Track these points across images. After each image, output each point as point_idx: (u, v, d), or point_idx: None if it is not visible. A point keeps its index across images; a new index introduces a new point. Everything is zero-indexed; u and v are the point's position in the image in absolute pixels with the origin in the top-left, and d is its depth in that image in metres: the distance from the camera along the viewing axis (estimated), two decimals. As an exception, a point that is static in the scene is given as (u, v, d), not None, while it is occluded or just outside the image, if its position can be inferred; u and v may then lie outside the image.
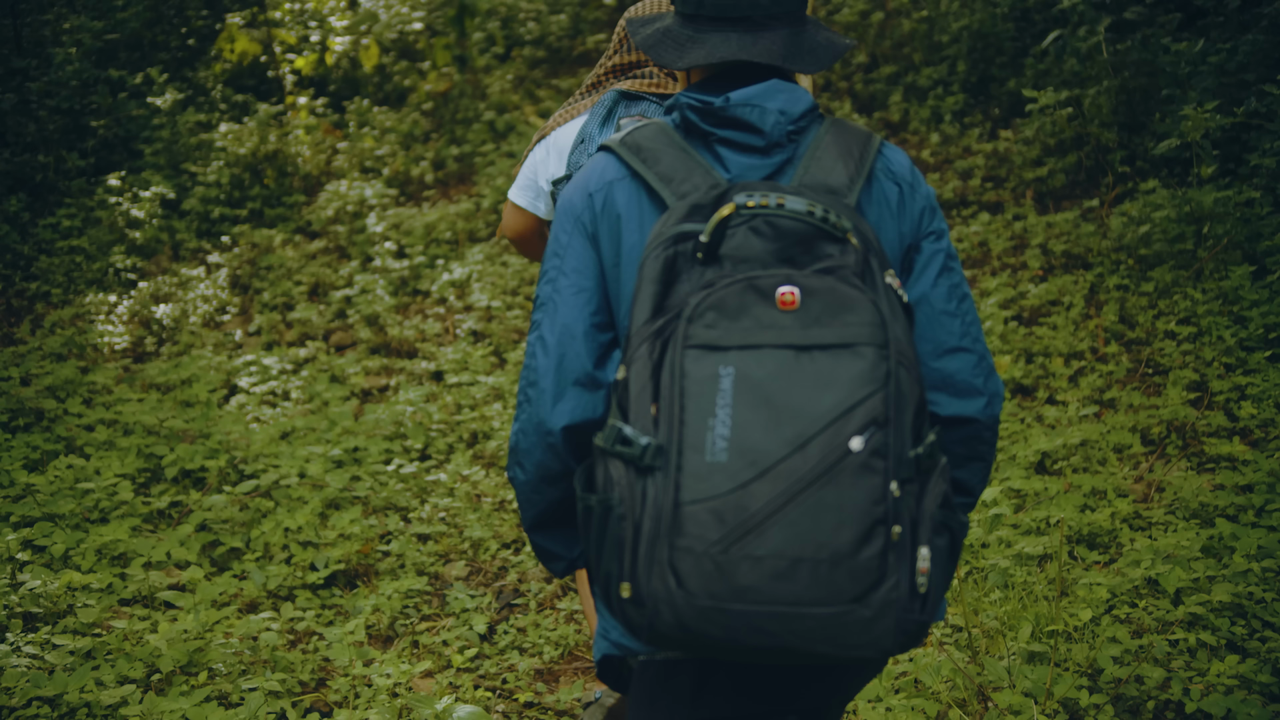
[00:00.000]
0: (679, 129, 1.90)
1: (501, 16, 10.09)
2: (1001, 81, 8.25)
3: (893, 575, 1.63)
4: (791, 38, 1.89)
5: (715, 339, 1.66)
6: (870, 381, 1.65)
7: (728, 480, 1.62)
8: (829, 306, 1.67)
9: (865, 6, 9.49)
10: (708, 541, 1.61)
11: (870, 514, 1.62)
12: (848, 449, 1.62)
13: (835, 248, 1.74)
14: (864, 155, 1.87)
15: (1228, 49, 6.56)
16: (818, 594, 1.61)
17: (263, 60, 8.95)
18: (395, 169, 8.01)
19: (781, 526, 1.61)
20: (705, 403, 1.64)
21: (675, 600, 1.62)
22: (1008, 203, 7.01)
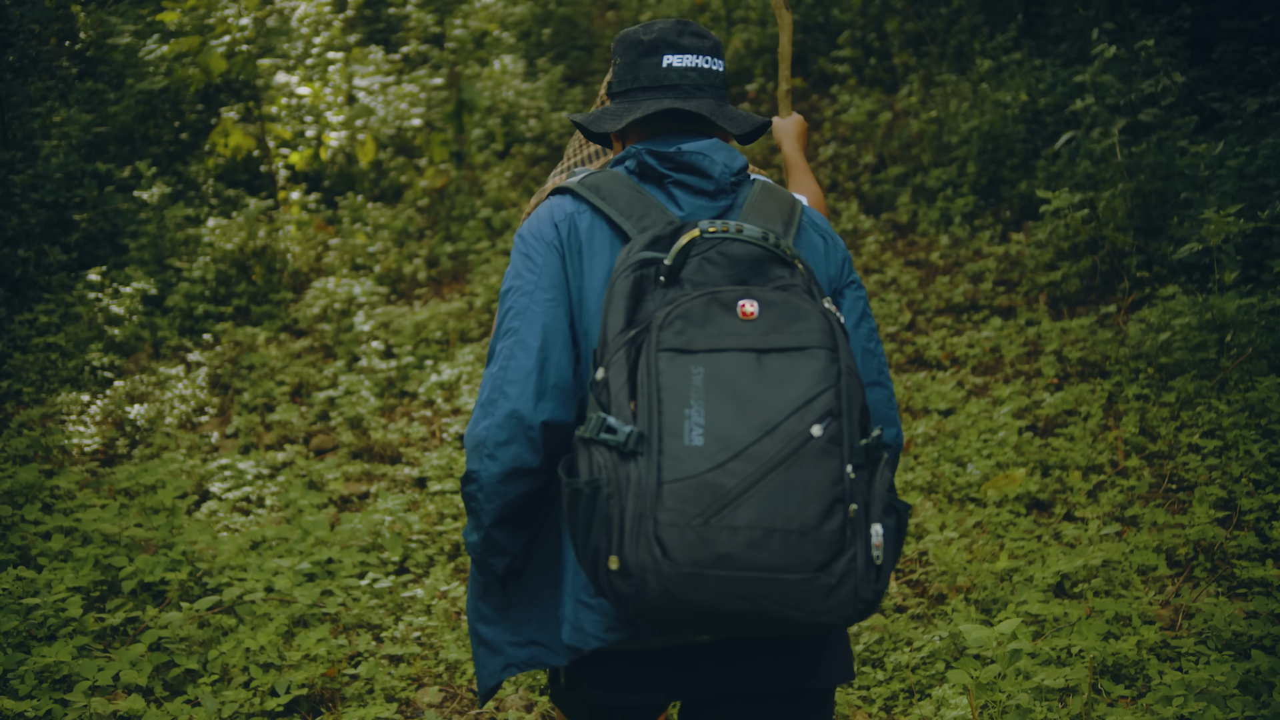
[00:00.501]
0: (632, 174, 2.18)
1: (502, 113, 10.05)
2: (1012, 183, 8.14)
3: (851, 548, 1.86)
4: (717, 105, 2.24)
5: (685, 343, 1.90)
6: (825, 379, 1.90)
7: (705, 461, 1.84)
8: (784, 316, 1.93)
9: (873, 107, 9.44)
10: (689, 515, 1.82)
11: (831, 492, 1.86)
12: (809, 434, 1.87)
13: (785, 270, 2.02)
14: (793, 210, 2.19)
15: (1247, 152, 6.45)
16: (789, 561, 1.83)
17: (256, 155, 8.88)
18: (387, 266, 7.87)
19: (755, 501, 1.83)
20: (680, 396, 1.87)
21: (661, 569, 1.82)
22: (1020, 307, 6.84)
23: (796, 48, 11.12)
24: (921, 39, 10.07)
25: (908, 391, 6.05)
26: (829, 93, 10.28)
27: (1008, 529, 4.74)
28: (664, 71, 2.22)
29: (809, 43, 11.17)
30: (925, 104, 9.19)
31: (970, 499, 5.05)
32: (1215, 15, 8.60)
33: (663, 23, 2.27)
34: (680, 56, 2.22)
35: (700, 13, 12.34)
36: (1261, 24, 8.22)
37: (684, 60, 2.22)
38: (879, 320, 6.98)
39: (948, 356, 6.46)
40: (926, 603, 4.42)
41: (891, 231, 8.25)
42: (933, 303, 7.06)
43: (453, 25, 10.53)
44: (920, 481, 5.15)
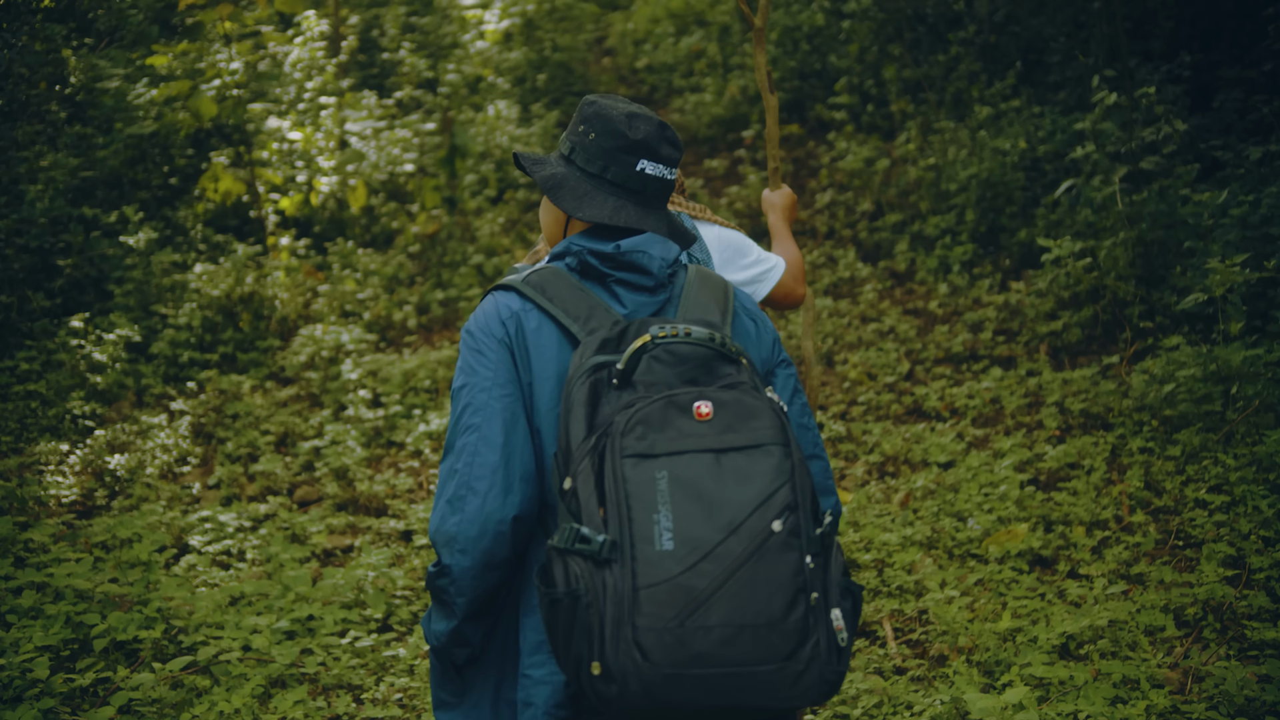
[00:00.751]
0: (574, 272, 2.21)
1: (496, 159, 10.00)
2: (1012, 232, 8.08)
3: (814, 634, 1.95)
4: (666, 218, 2.32)
5: (647, 448, 1.96)
6: (781, 474, 1.98)
7: (676, 564, 1.91)
8: (738, 415, 2.00)
9: (870, 154, 9.40)
10: (666, 618, 1.90)
11: (793, 584, 1.94)
12: (771, 530, 1.94)
13: (732, 367, 2.08)
14: (727, 296, 2.27)
15: (1250, 201, 6.39)
16: (759, 654, 1.92)
17: (246, 200, 8.82)
18: (377, 313, 7.79)
19: (725, 600, 1.91)
20: (648, 502, 1.93)
21: (642, 671, 1.89)
22: (1021, 358, 6.75)
23: (794, 95, 11.10)
24: (919, 86, 10.05)
25: (906, 443, 5.95)
26: (826, 139, 10.24)
27: (1010, 587, 4.62)
28: (636, 175, 2.25)
29: (805, 89, 11.16)
30: (923, 151, 9.15)
31: (971, 555, 4.93)
32: (1215, 64, 8.58)
33: (646, 123, 2.27)
34: (655, 165, 2.27)
35: (697, 58, 12.35)
36: (1262, 73, 8.20)
37: (656, 170, 2.27)
38: (878, 370, 6.88)
39: (947, 407, 6.37)
40: (927, 664, 4.30)
41: (889, 279, 8.18)
42: (931, 352, 6.98)
43: (445, 70, 10.50)
44: (920, 537, 5.04)
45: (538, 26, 12.28)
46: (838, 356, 7.17)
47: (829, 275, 8.31)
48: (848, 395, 6.72)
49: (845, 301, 7.88)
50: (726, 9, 12.61)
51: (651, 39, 13.42)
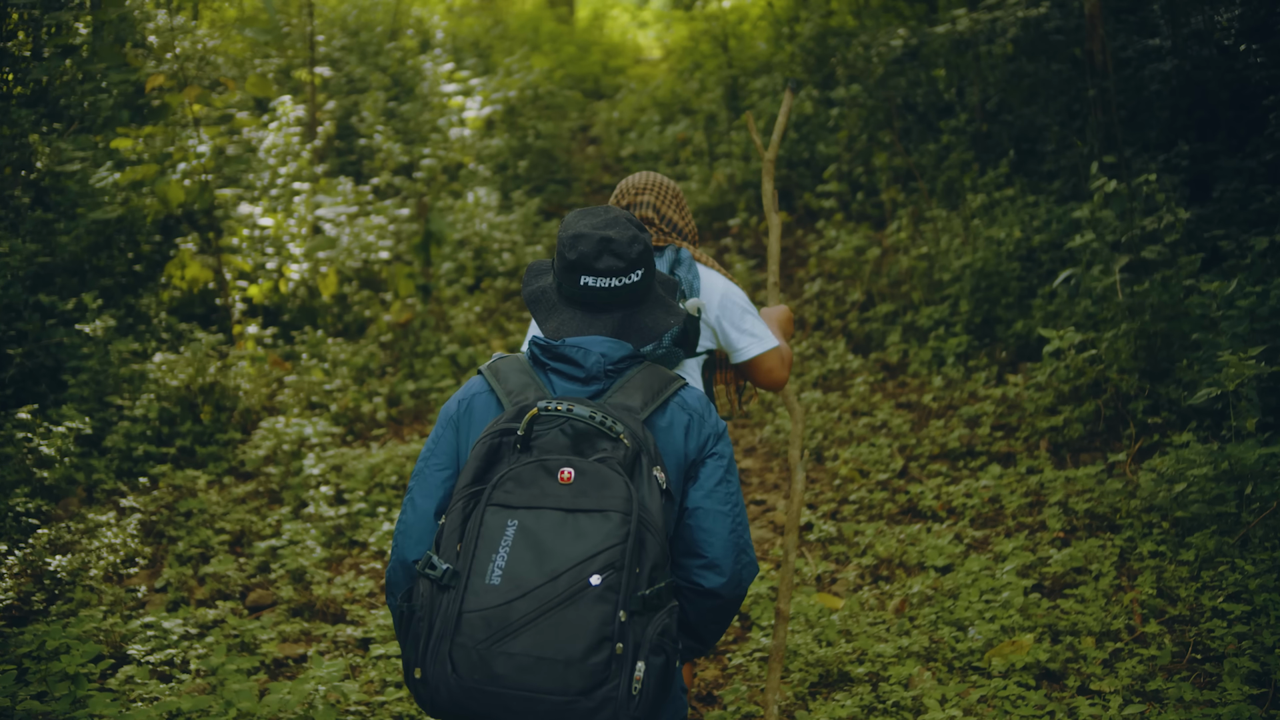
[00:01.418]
0: (530, 360, 2.68)
1: (474, 246, 9.80)
2: (1007, 323, 7.87)
3: (614, 679, 2.27)
4: (625, 319, 2.68)
5: (509, 500, 2.37)
6: (613, 537, 2.31)
7: (498, 597, 2.30)
8: (594, 483, 2.36)
9: (860, 242, 9.22)
10: (476, 639, 2.29)
11: (600, 632, 2.27)
12: (588, 583, 2.28)
13: (609, 444, 2.43)
14: (661, 390, 2.63)
15: (1258, 292, 6.18)
16: (552, 685, 2.26)
17: (213, 287, 8.58)
18: (344, 405, 7.51)
19: (531, 633, 2.27)
20: (492, 544, 2.33)
21: (449, 681, 2.30)
22: (1020, 454, 6.49)
23: (782, 184, 10.97)
24: (910, 175, 9.92)
25: (901, 545, 5.66)
26: (815, 228, 10.08)
27: (1017, 704, 4.31)
28: (580, 289, 2.65)
29: (794, 178, 11.02)
30: (915, 240, 8.97)
31: (973, 668, 4.62)
32: (1213, 154, 8.46)
33: (587, 241, 2.63)
34: (595, 279, 2.63)
35: (683, 147, 12.24)
36: (1262, 163, 8.08)
37: (599, 282, 2.63)
38: (870, 467, 6.61)
39: (944, 507, 6.08)
40: (927, 791, 3.97)
41: (881, 372, 7.95)
42: (926, 448, 6.71)
43: (420, 153, 10.33)
44: (917, 647, 4.72)
45: (520, 113, 12.18)
46: (828, 452, 6.90)
47: (818, 367, 8.08)
48: (838, 493, 6.44)
49: (835, 394, 7.63)
50: (713, 98, 12.55)
51: (637, 127, 13.35)
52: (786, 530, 4.01)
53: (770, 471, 6.92)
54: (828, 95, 11.25)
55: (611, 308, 2.67)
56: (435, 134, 10.91)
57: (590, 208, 2.78)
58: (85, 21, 8.88)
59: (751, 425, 7.55)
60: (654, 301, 2.75)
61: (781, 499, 6.55)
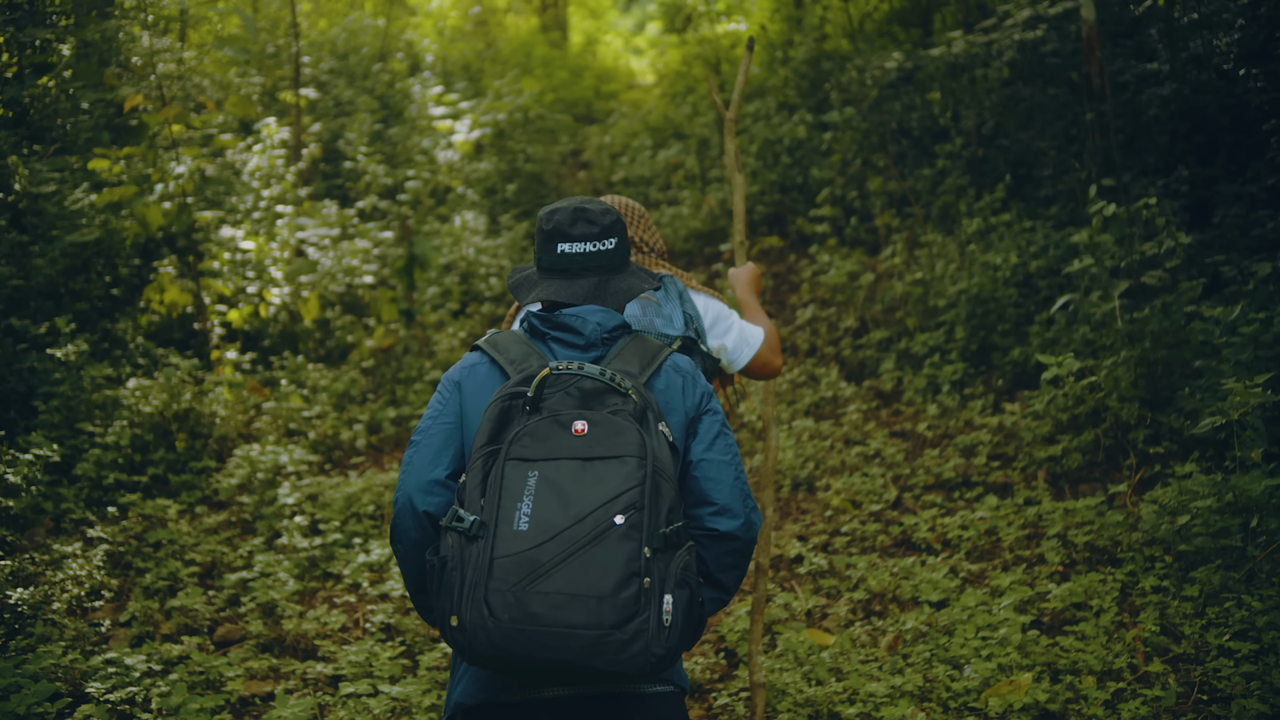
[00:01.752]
0: (526, 332, 2.81)
1: (460, 271, 9.65)
2: (1004, 350, 7.72)
3: (644, 612, 2.40)
4: (600, 283, 2.83)
5: (527, 454, 2.48)
6: (632, 480, 2.45)
7: (527, 542, 2.41)
8: (607, 433, 2.50)
9: (854, 268, 9.08)
10: (510, 583, 2.39)
11: (628, 568, 2.40)
12: (612, 523, 2.41)
13: (619, 399, 2.58)
14: (655, 357, 2.77)
15: (1261, 319, 6.03)
16: (587, 620, 2.37)
17: (191, 312, 8.41)
18: (323, 432, 7.34)
19: (563, 573, 2.38)
20: (516, 494, 2.45)
21: (487, 625, 2.39)
22: (1018, 485, 6.32)
23: (774, 208, 10.85)
24: (905, 200, 9.79)
25: (894, 579, 5.48)
26: (807, 253, 9.94)
27: (1014, 748, 4.12)
28: (558, 257, 2.82)
29: (787, 203, 10.90)
30: (909, 265, 8.83)
31: (970, 709, 4.44)
32: (1213, 179, 8.34)
33: (562, 213, 2.82)
34: (571, 244, 2.80)
35: (674, 171, 12.12)
36: (1263, 188, 7.95)
37: (574, 247, 2.80)
38: (863, 498, 6.44)
39: (939, 539, 5.91)
40: (920, 840, 3.78)
41: (875, 400, 7.79)
42: (921, 478, 6.55)
43: (404, 175, 10.19)
44: (911, 687, 4.54)
45: (509, 136, 12.05)
46: (819, 482, 6.73)
47: (810, 395, 7.92)
48: (830, 525, 6.26)
49: (828, 423, 7.47)
50: (705, 122, 12.45)
51: (628, 152, 13.23)
52: (763, 485, 4.23)
53: (760, 502, 6.74)
54: (821, 119, 11.13)
55: (587, 272, 2.82)
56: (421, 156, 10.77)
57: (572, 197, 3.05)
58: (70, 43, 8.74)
59: (743, 453, 7.38)
60: (629, 270, 2.91)
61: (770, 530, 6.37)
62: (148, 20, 9.58)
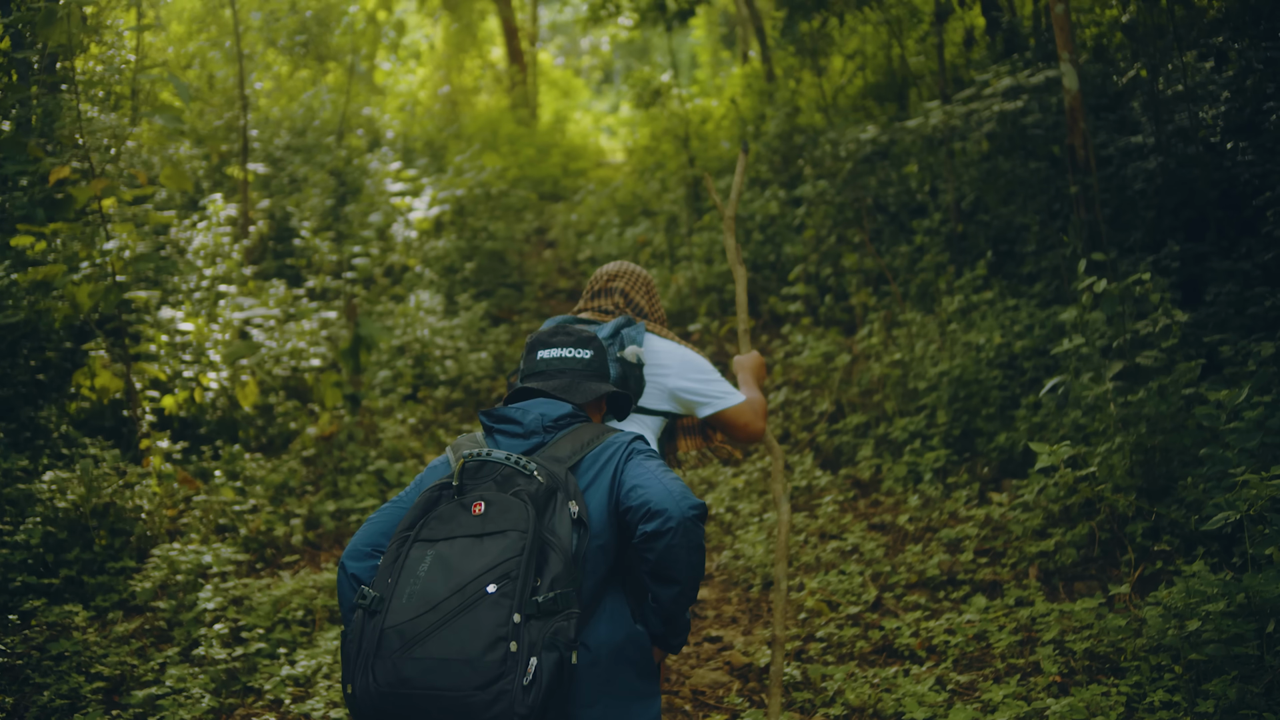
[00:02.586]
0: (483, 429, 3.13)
1: (414, 354, 9.20)
2: (989, 436, 7.30)
3: (509, 674, 2.61)
4: (570, 383, 3.19)
5: (431, 535, 2.79)
6: (510, 551, 2.72)
7: (410, 613, 2.68)
8: (500, 510, 2.79)
9: (829, 348, 8.67)
10: (392, 650, 2.66)
11: (495, 632, 2.63)
12: (484, 591, 2.67)
13: (525, 480, 2.86)
14: (591, 441, 3.03)
15: (1266, 403, 5.63)
16: (454, 682, 2.61)
17: (120, 398, 7.92)
18: (256, 527, 6.83)
19: (436, 639, 2.64)
20: (412, 572, 2.73)
21: (370, 690, 2.66)
22: (1008, 583, 5.86)
23: (749, 286, 10.46)
24: (882, 277, 9.43)
25: (875, 692, 4.99)
26: (780, 333, 9.54)
27: None
28: (536, 362, 3.20)
29: (759, 281, 10.53)
30: (887, 346, 8.43)
31: None
32: (1204, 255, 8.00)
33: (547, 328, 3.29)
34: (548, 350, 3.19)
35: (642, 249, 11.75)
36: (1258, 265, 7.61)
37: (549, 353, 3.19)
38: (840, 598, 5.97)
39: (923, 645, 5.43)
40: None
41: (852, 489, 7.34)
42: (902, 576, 6.08)
43: (350, 251, 9.76)
44: (894, 822, 4.04)
45: (470, 213, 11.68)
46: (792, 581, 6.25)
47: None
48: (804, 629, 5.77)
49: (802, 515, 7.01)
50: (674, 198, 12.12)
51: (595, 230, 12.89)
52: (776, 560, 4.23)
53: (728, 603, 6.26)
54: (794, 195, 10.81)
55: (561, 375, 3.17)
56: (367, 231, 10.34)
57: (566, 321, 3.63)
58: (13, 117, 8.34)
59: (710, 548, 6.90)
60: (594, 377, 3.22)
61: (740, 635, 5.89)
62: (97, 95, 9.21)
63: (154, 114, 6.92)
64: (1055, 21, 8.26)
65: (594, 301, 4.05)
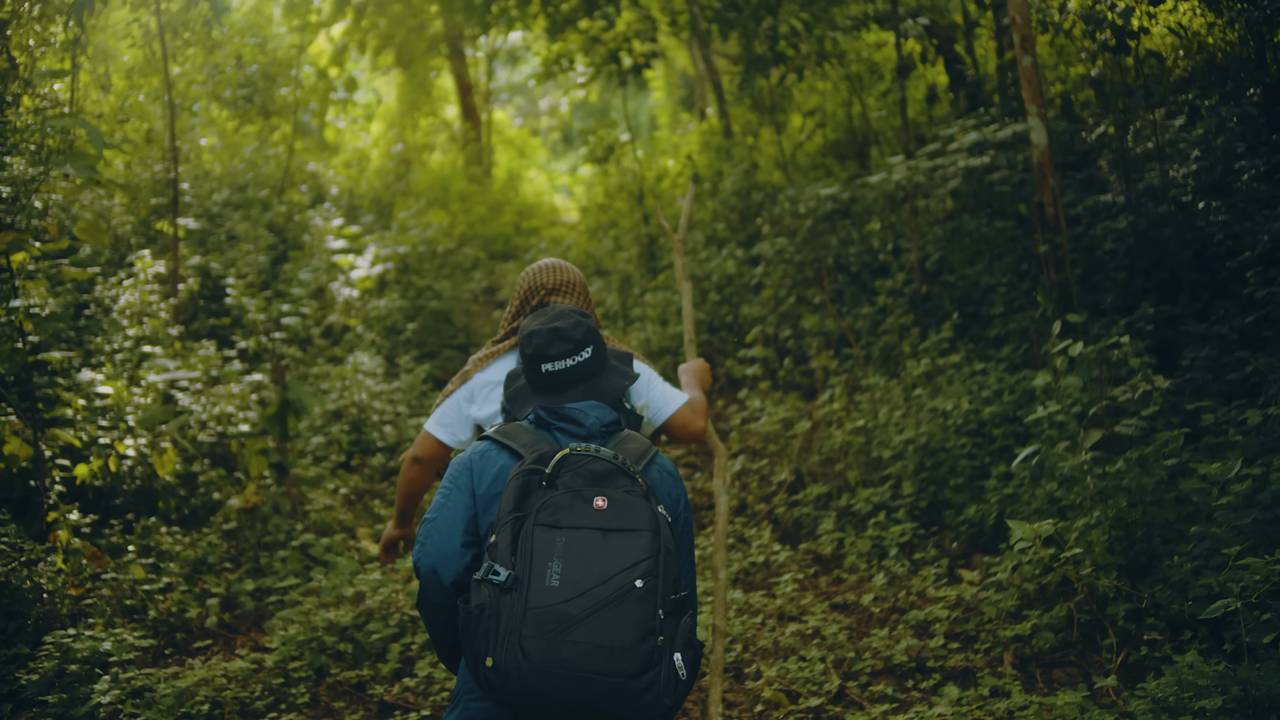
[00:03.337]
0: (532, 424, 3.25)
1: (351, 419, 8.73)
2: (958, 508, 6.91)
3: (657, 666, 2.82)
4: (587, 390, 3.33)
5: (554, 521, 2.91)
6: (648, 550, 2.89)
7: (558, 596, 2.82)
8: (624, 508, 2.94)
9: (788, 414, 8.27)
10: (544, 631, 2.78)
11: (645, 625, 2.83)
12: (633, 585, 2.84)
13: (628, 480, 3.02)
14: (646, 451, 3.21)
15: (1256, 475, 5.27)
16: (610, 668, 2.79)
17: (27, 465, 7.39)
18: (166, 608, 6.31)
19: (590, 625, 2.79)
20: (546, 554, 2.86)
21: (522, 667, 2.77)
22: (981, 671, 5.44)
23: (701, 349, 10.09)
24: (844, 339, 9.07)
25: (839, 797, 4.54)
26: (737, 398, 9.14)
27: None
28: (544, 377, 3.28)
29: (715, 344, 10.16)
30: (849, 412, 8.04)
31: None
32: (1178, 319, 7.70)
33: (539, 335, 3.28)
34: (551, 364, 3.26)
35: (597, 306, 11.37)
36: (1234, 328, 7.30)
37: (557, 365, 3.26)
38: (799, 687, 5.51)
39: (891, 742, 4.98)
40: None
41: (813, 566, 6.91)
42: (867, 663, 5.64)
43: (279, 309, 9.30)
44: None
45: (415, 271, 11.25)
46: (748, 668, 5.79)
47: (739, 560, 7.03)
48: (761, 723, 5.32)
49: (758, 594, 6.56)
50: (628, 257, 11.75)
51: (547, 290, 12.46)
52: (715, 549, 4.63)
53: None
54: (752, 255, 10.47)
55: (573, 384, 3.27)
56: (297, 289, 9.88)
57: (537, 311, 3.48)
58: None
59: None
60: (609, 370, 3.37)
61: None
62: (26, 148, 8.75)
63: (65, 163, 6.48)
64: (1023, 75, 7.99)
65: None
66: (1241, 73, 7.93)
